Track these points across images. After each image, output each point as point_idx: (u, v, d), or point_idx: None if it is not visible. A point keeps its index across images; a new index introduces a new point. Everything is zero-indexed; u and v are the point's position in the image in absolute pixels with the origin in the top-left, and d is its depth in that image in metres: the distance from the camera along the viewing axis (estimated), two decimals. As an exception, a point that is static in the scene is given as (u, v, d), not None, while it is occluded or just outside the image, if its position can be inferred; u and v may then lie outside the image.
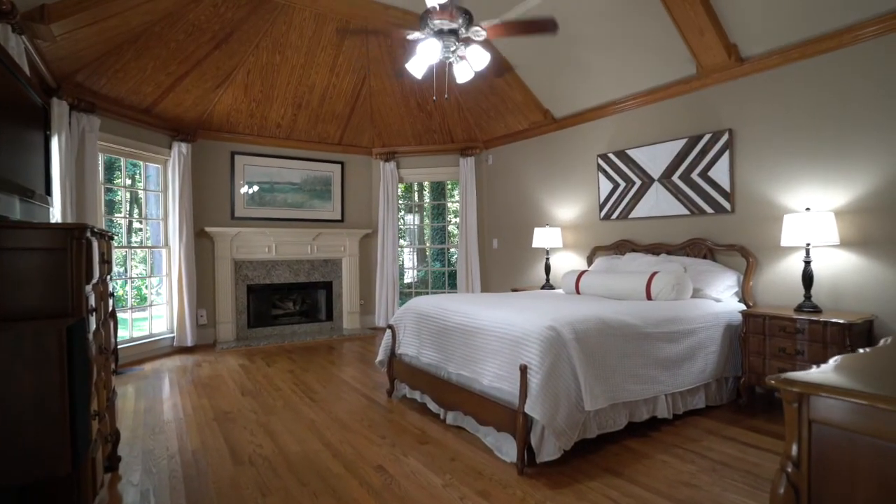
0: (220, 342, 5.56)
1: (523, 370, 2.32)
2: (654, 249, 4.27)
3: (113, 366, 2.29)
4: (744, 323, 3.19)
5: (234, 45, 4.71)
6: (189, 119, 5.28)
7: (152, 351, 4.97)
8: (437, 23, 3.04)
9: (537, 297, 3.74)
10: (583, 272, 4.11)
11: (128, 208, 5.04)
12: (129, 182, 5.16)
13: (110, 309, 2.20)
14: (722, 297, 3.51)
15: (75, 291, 1.49)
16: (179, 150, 5.19)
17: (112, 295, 2.29)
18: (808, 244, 3.06)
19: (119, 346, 4.53)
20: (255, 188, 5.95)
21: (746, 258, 3.58)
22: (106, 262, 1.94)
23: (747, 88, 3.67)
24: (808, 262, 3.07)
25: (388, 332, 3.63)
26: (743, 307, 3.48)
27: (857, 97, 3.07)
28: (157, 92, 4.71)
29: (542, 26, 3.06)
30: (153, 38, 4.15)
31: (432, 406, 3.16)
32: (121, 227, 5.57)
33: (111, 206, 7.22)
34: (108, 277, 2.23)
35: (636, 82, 4.34)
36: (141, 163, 5.09)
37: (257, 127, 5.81)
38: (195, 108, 5.21)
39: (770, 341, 3.03)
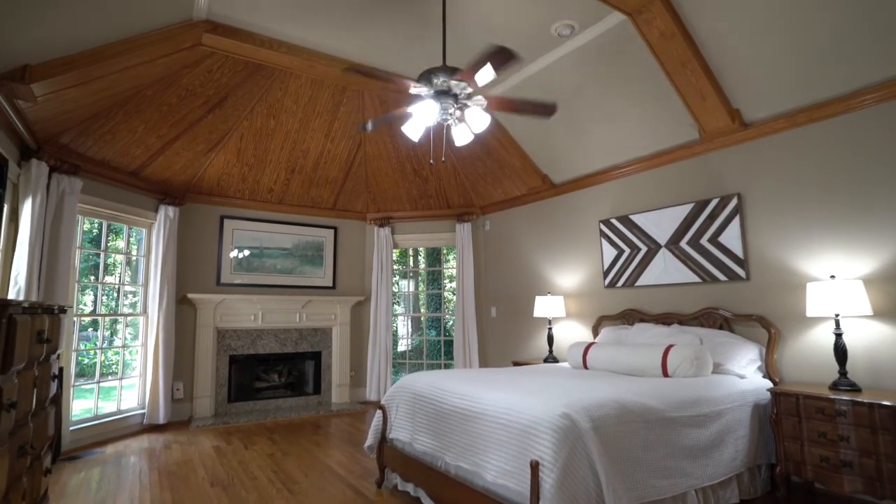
0: (195, 419, 5.11)
1: (534, 467, 1.97)
2: (664, 319, 4.01)
3: (48, 464, 1.93)
4: (774, 402, 2.87)
5: (229, 110, 4.65)
6: (178, 182, 5.14)
7: (118, 430, 4.51)
8: (443, 81, 2.92)
9: (543, 373, 3.42)
10: (590, 345, 3.81)
11: (100, 274, 4.74)
12: (122, 246, 4.91)
13: (52, 395, 1.88)
14: (745, 372, 3.20)
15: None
16: (166, 213, 5.00)
17: (55, 377, 1.98)
18: (836, 315, 2.81)
19: (79, 426, 4.11)
20: (245, 252, 5.72)
21: (768, 329, 3.31)
22: (46, 341, 1.65)
23: (754, 153, 3.56)
24: (839, 335, 2.80)
25: (379, 413, 3.27)
26: (769, 384, 3.17)
27: (872, 161, 2.94)
28: (146, 155, 4.59)
29: (541, 109, 2.98)
30: (145, 101, 4.07)
31: (427, 502, 2.75)
32: (110, 290, 5.27)
33: (97, 271, 6.96)
34: (56, 356, 1.92)
35: (637, 147, 4.26)
36: (124, 226, 4.88)
37: (249, 191, 5.68)
38: (185, 172, 5.08)
39: (807, 424, 2.69)
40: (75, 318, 4.17)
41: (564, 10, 3.44)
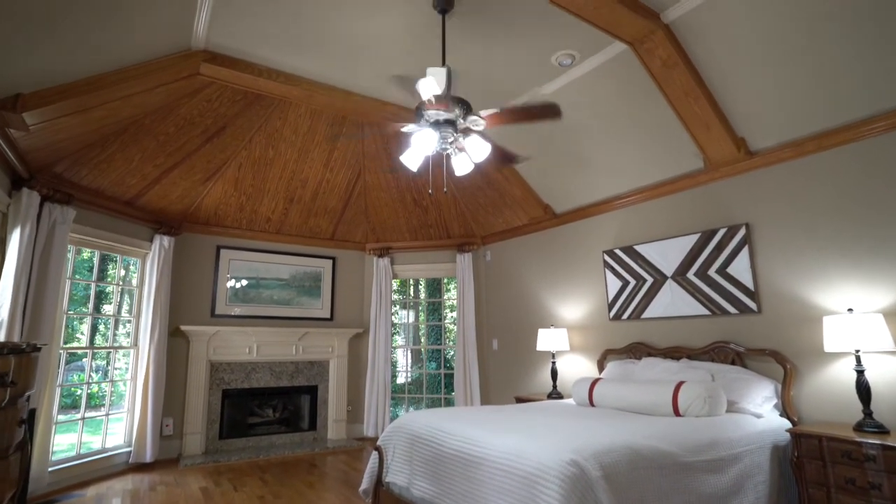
0: (185, 457, 4.89)
1: (541, 520, 1.81)
2: (672, 353, 3.85)
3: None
4: (794, 445, 2.70)
5: (227, 139, 4.61)
6: (174, 212, 5.06)
7: (102, 470, 4.30)
8: (433, 113, 2.88)
9: (547, 411, 3.25)
10: (596, 380, 3.65)
11: (90, 306, 4.62)
12: (122, 275, 4.79)
13: (18, 440, 1.73)
14: (761, 410, 3.03)
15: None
16: (161, 243, 4.91)
17: (24, 421, 1.83)
18: (857, 351, 2.67)
19: (60, 466, 3.91)
20: (242, 283, 5.60)
21: (783, 365, 3.16)
22: (11, 384, 1.52)
23: (761, 181, 3.48)
24: (861, 372, 2.66)
25: (375, 454, 3.09)
26: (787, 423, 2.99)
27: (887, 189, 2.85)
28: (142, 184, 4.52)
29: (543, 112, 2.90)
30: (142, 130, 4.02)
31: (425, 554, 2.56)
32: (106, 321, 5.13)
33: (97, 300, 6.80)
34: (26, 399, 1.79)
35: (641, 176, 4.19)
36: (118, 256, 4.77)
37: (246, 221, 5.60)
38: (182, 201, 5.01)
39: (833, 470, 2.52)
40: (61, 352, 4.02)
41: (565, 40, 3.41)
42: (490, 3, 3.04)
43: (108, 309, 5.84)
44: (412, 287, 8.00)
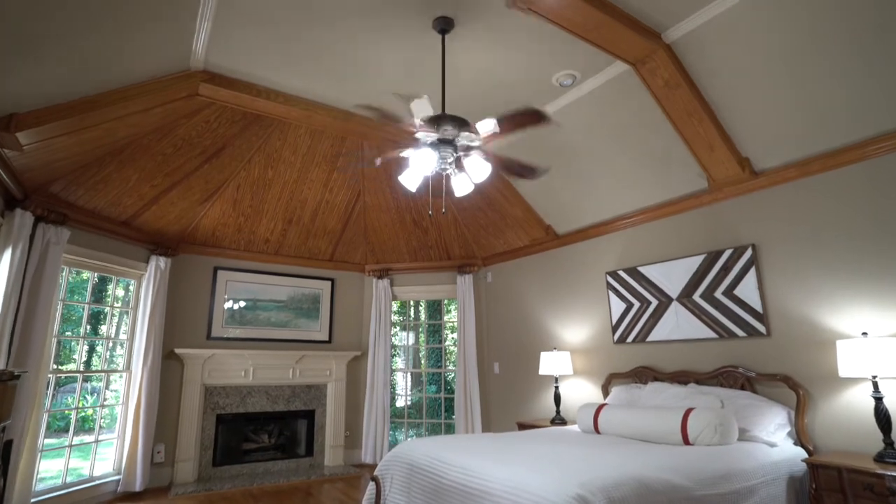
0: (176, 485, 4.73)
1: (547, 561, 1.69)
2: (680, 378, 3.74)
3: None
4: (812, 476, 2.57)
5: (226, 160, 4.57)
6: (171, 232, 5.00)
7: (89, 499, 4.14)
8: (424, 135, 2.83)
9: (551, 439, 3.12)
10: (601, 406, 3.53)
11: (86, 327, 4.52)
12: (120, 295, 4.71)
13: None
14: (774, 439, 2.91)
15: None
16: (157, 264, 4.83)
17: (-3, 452, 1.73)
18: (874, 376, 2.57)
19: (45, 497, 3.76)
20: (241, 304, 5.51)
21: (795, 391, 3.04)
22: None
23: (767, 202, 3.42)
24: (879, 399, 2.55)
25: (372, 484, 2.96)
26: (802, 452, 2.87)
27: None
28: (139, 204, 4.47)
29: (531, 117, 2.80)
30: (140, 150, 3.99)
31: None
32: (102, 343, 5.02)
33: (94, 322, 6.71)
34: (1, 429, 1.69)
35: (644, 197, 4.13)
36: (112, 277, 4.70)
37: (244, 242, 5.53)
38: (179, 222, 4.95)
39: (853, 504, 2.39)
40: (51, 376, 3.91)
41: (566, 60, 3.40)
42: (490, 24, 3.03)
43: (104, 330, 5.74)
44: (412, 308, 7.89)
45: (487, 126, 2.72)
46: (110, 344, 4.80)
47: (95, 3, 2.56)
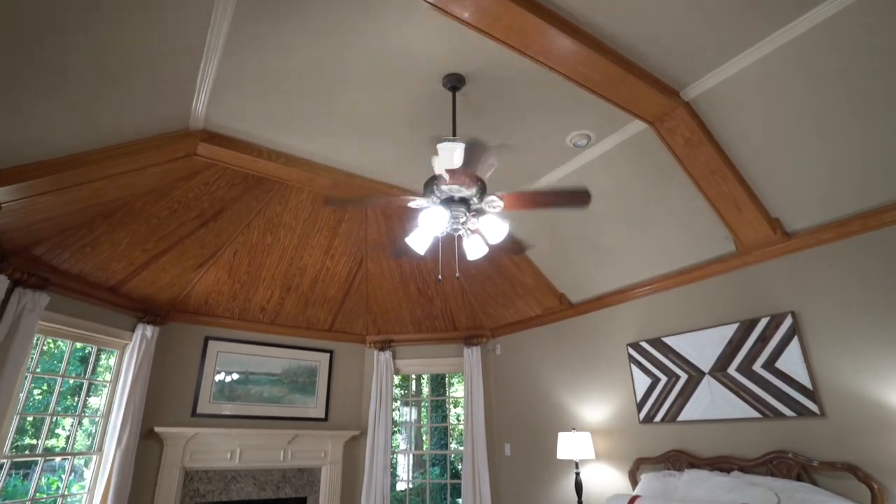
0: (143, 593, 4.10)
1: None
2: (721, 464, 3.29)
3: None
4: None
5: (223, 224, 4.38)
6: (162, 300, 4.71)
7: None
8: (446, 189, 2.62)
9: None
10: (633, 499, 3.07)
11: (51, 405, 4.10)
12: (109, 364, 4.34)
13: None
14: (847, 544, 2.45)
15: None
16: (144, 333, 4.49)
17: None
18: (964, 468, 2.18)
19: None
20: (232, 376, 5.10)
21: (868, 485, 2.61)
22: None
23: (803, 265, 3.16)
24: (974, 497, 2.14)
25: None
26: (883, 562, 2.41)
27: (957, 272, 2.52)
28: (128, 269, 4.22)
29: (573, 198, 2.63)
30: (132, 213, 3.80)
31: None
32: (85, 419, 4.56)
33: (73, 394, 6.21)
34: None
35: (666, 262, 3.88)
36: (92, 347, 4.35)
37: (239, 310, 5.22)
38: (171, 289, 4.67)
39: None
40: (4, 460, 3.46)
41: (579, 121, 3.27)
42: (502, 81, 2.92)
43: (78, 404, 5.28)
44: (414, 381, 7.42)
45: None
46: (81, 421, 4.35)
47: (88, 58, 2.45)
